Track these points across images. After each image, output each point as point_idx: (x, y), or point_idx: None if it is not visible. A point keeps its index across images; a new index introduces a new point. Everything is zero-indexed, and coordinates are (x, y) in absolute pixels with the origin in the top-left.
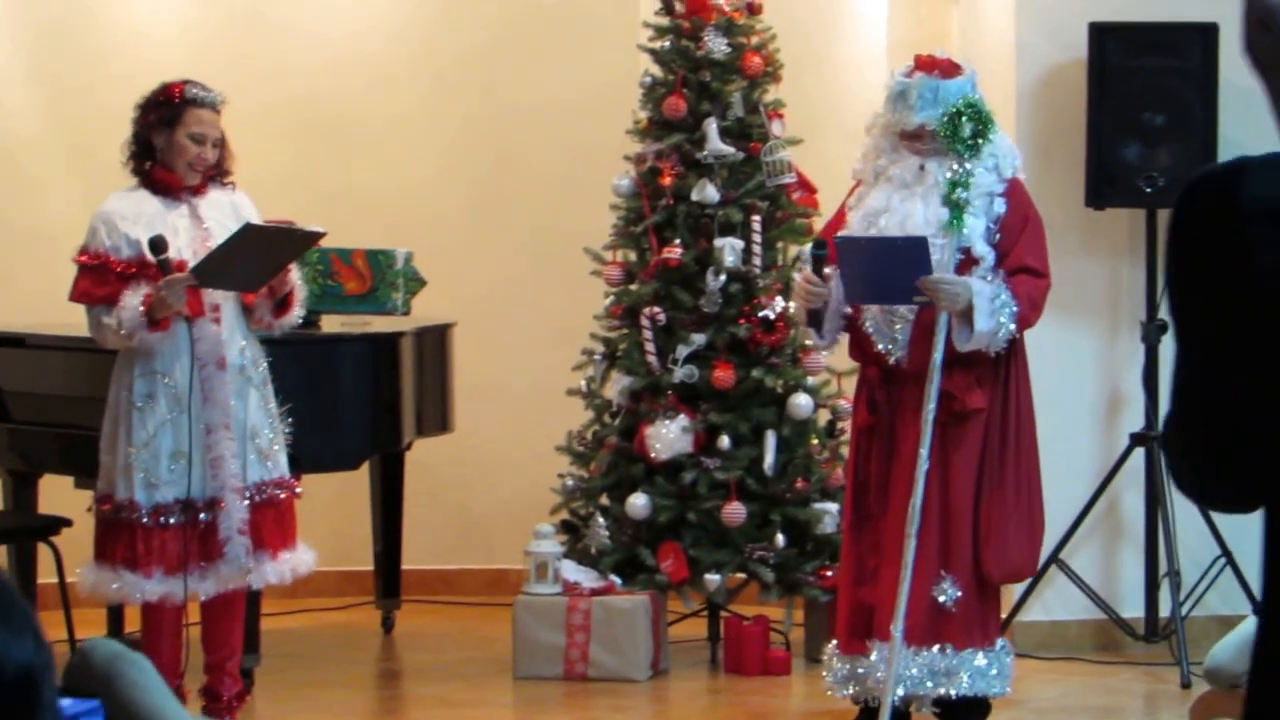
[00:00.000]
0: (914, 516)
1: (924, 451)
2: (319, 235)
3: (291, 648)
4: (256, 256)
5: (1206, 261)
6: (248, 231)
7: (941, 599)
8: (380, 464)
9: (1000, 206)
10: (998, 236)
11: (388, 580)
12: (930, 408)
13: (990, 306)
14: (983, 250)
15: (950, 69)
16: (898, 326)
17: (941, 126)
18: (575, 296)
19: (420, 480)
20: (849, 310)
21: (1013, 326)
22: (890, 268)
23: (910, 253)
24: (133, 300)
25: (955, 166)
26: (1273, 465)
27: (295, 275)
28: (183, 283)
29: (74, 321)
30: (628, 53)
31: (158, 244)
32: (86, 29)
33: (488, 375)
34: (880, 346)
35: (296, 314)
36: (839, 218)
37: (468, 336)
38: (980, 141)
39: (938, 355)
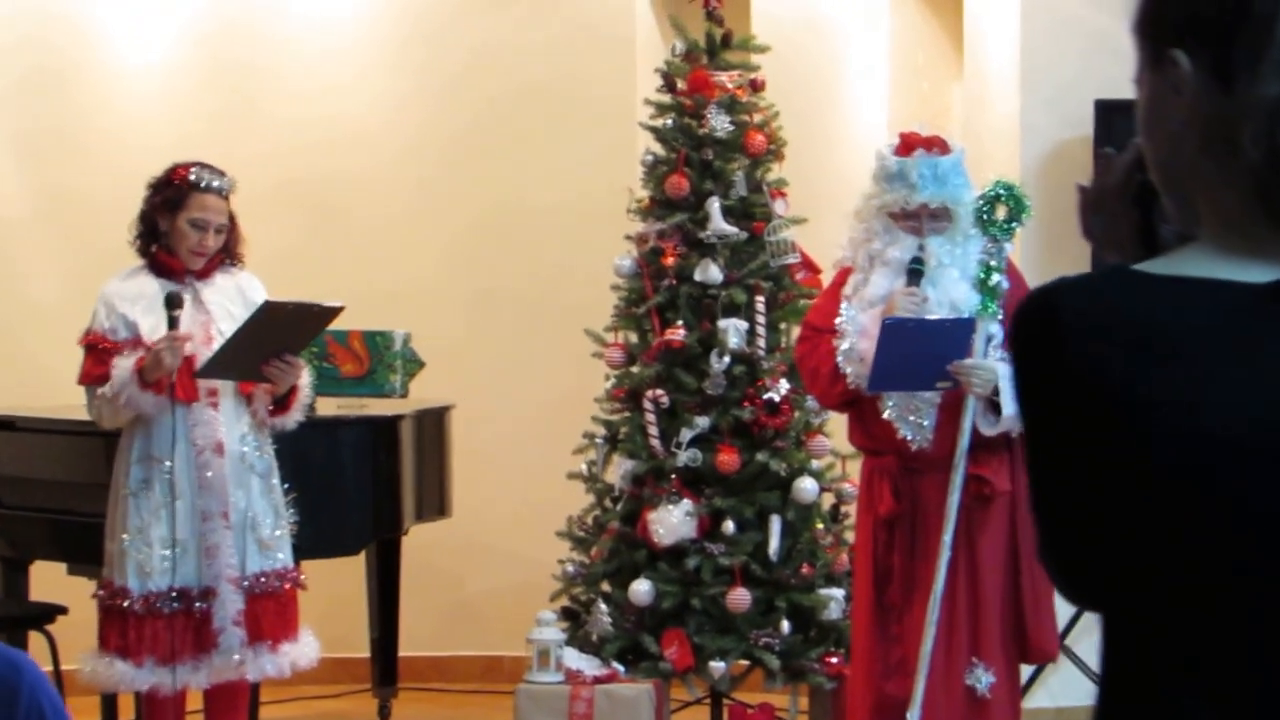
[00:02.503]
0: (935, 605)
1: (947, 539)
2: (337, 310)
3: None
4: (270, 337)
5: (1040, 378)
6: (266, 309)
7: (976, 686)
8: (376, 549)
9: (1005, 284)
10: (1002, 315)
11: (384, 668)
12: (956, 496)
13: (1013, 387)
14: (995, 330)
15: (943, 145)
16: (922, 412)
17: (978, 210)
18: (574, 378)
19: (413, 565)
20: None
21: None
22: (931, 351)
23: (955, 335)
24: (125, 361)
25: (990, 250)
26: (1110, 571)
27: (305, 379)
28: (182, 341)
29: (64, 404)
30: (627, 130)
31: (173, 299)
32: (78, 113)
33: (482, 458)
34: (903, 434)
35: (295, 417)
36: (830, 304)
37: (463, 418)
38: (1014, 224)
39: (965, 441)
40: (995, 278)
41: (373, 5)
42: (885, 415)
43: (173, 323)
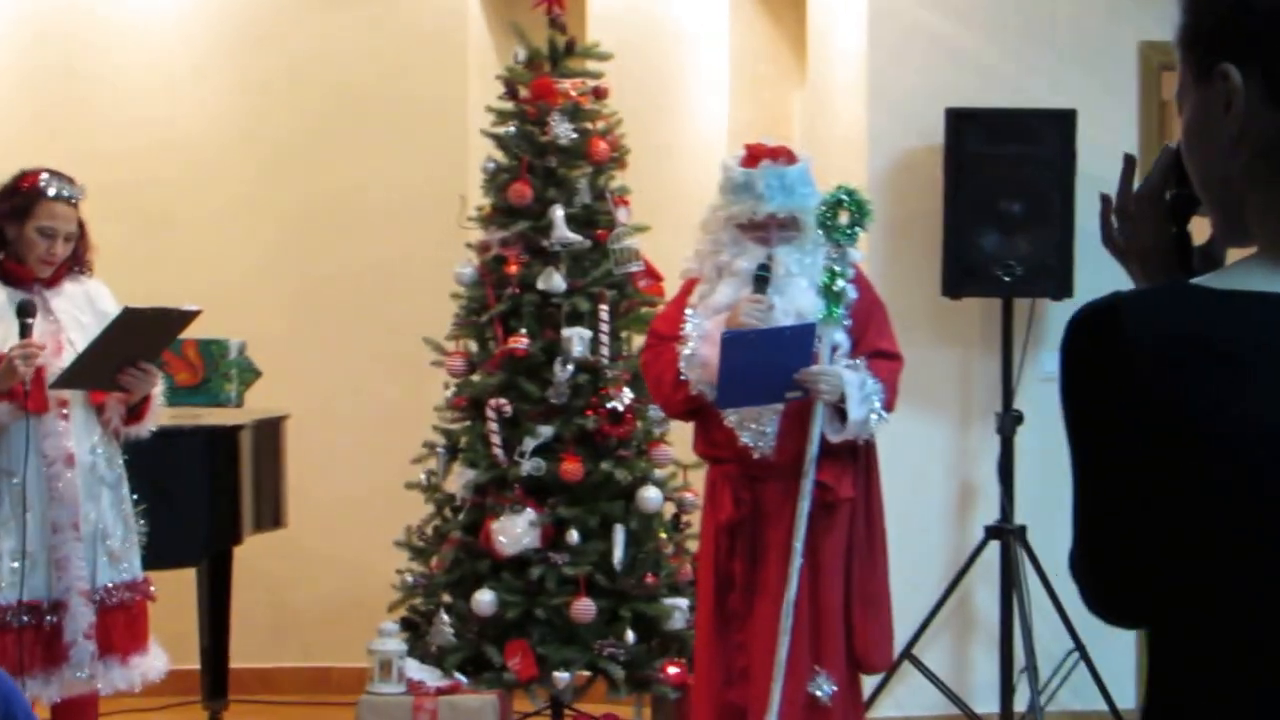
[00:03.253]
0: (789, 611)
1: (798, 545)
2: (195, 314)
3: None
4: (128, 344)
5: (1098, 391)
6: (126, 315)
7: (818, 694)
8: (208, 559)
9: (851, 292)
10: (848, 322)
11: (215, 679)
12: (806, 503)
13: (860, 394)
14: (840, 337)
15: (789, 155)
16: (765, 420)
17: (820, 215)
18: (409, 388)
19: (239, 575)
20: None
21: (884, 413)
22: (774, 361)
23: (796, 342)
24: None
25: (833, 255)
26: (1160, 584)
27: (158, 389)
28: (35, 351)
29: None
30: (458, 136)
31: (26, 307)
32: None
33: (313, 468)
34: (745, 441)
35: (149, 426)
36: (676, 312)
37: (295, 428)
38: (857, 230)
39: (814, 448)
40: (840, 283)
41: (199, 6)
42: (727, 423)
43: (25, 330)
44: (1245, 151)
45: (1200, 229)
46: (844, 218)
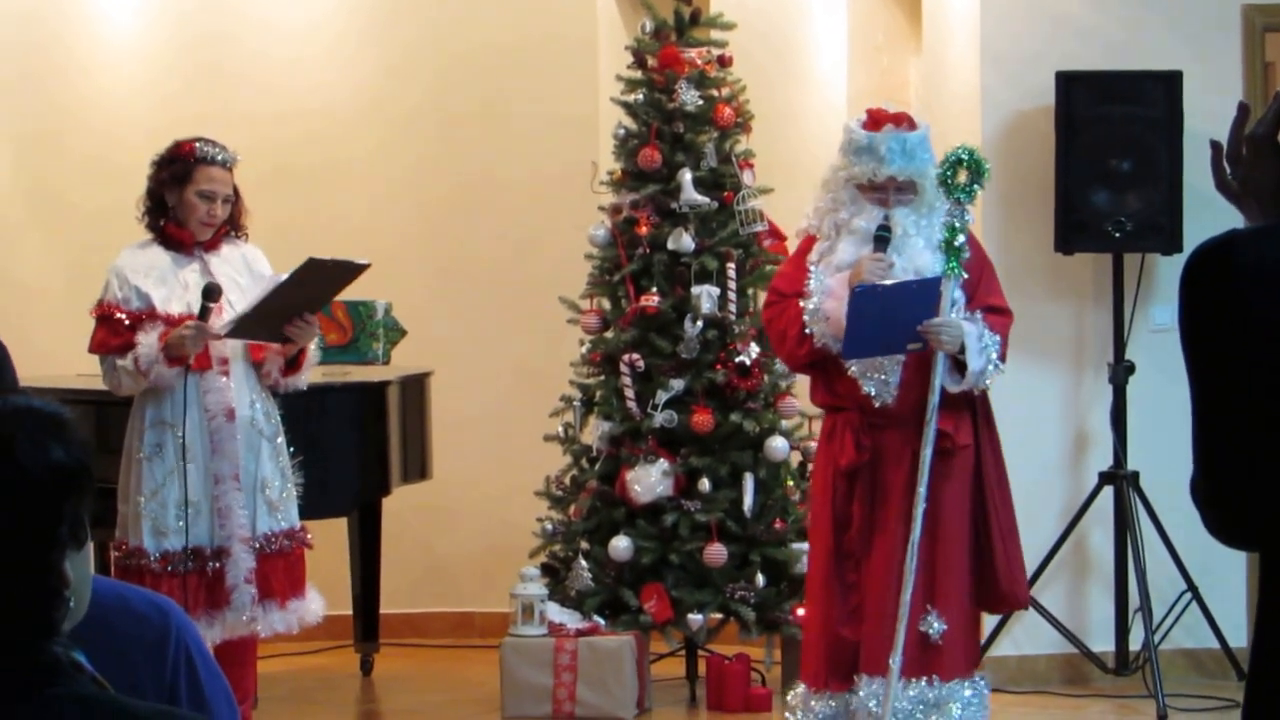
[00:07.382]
0: (913, 552)
1: (922, 490)
2: (366, 266)
3: (273, 691)
4: (302, 295)
5: (1214, 322)
6: (310, 265)
7: (929, 632)
8: (359, 510)
9: (965, 251)
10: (966, 276)
11: (367, 624)
12: (929, 450)
13: (978, 345)
14: (958, 293)
15: (910, 122)
16: (887, 369)
17: (941, 174)
18: (545, 345)
19: (387, 525)
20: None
21: (1000, 364)
22: (900, 314)
23: (922, 295)
24: (149, 337)
25: (954, 213)
26: (1271, 507)
27: (313, 342)
28: (207, 335)
29: (50, 374)
30: (590, 104)
31: (211, 291)
32: (53, 81)
33: (456, 423)
34: (868, 390)
35: (304, 377)
36: (795, 270)
37: (439, 385)
38: (975, 187)
39: (935, 397)
40: (960, 239)
41: None
42: (850, 372)
43: (204, 313)
44: None
45: None
46: (963, 176)
